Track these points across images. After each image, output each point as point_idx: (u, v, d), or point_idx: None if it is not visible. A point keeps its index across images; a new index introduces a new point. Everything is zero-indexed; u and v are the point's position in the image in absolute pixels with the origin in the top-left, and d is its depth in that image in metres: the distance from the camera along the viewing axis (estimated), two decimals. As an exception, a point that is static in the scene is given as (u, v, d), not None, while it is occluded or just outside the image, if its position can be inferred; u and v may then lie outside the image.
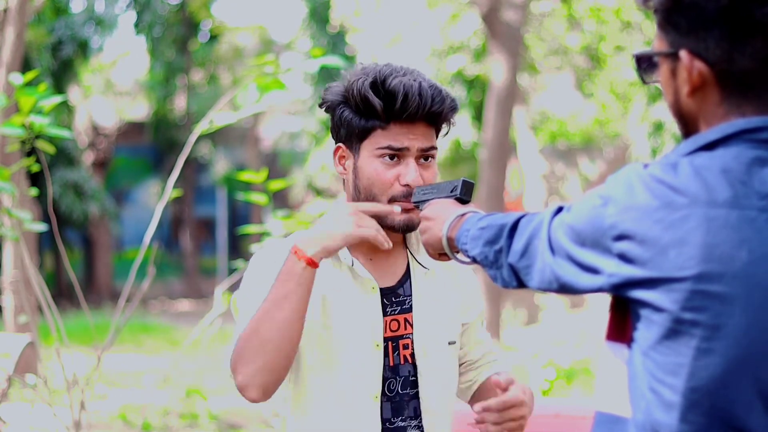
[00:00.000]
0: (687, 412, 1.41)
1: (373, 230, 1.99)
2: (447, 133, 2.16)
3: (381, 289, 2.13)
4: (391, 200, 2.07)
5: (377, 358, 2.09)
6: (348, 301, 2.10)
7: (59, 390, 6.82)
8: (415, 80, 2.04)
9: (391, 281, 2.15)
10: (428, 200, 2.01)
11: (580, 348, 8.14)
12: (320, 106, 2.15)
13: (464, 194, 1.98)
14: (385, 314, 2.12)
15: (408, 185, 2.06)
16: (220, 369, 8.16)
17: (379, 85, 2.04)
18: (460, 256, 1.87)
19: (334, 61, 3.93)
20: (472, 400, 2.27)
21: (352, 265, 2.12)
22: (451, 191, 1.99)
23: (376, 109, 2.04)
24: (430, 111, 2.05)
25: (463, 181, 1.99)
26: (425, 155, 2.09)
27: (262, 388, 1.99)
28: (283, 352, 1.97)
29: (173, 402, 7.65)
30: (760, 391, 1.40)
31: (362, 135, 2.07)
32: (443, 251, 1.89)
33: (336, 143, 2.14)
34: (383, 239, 1.98)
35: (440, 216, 1.90)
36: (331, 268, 2.12)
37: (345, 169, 2.13)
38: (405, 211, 2.07)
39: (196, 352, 7.43)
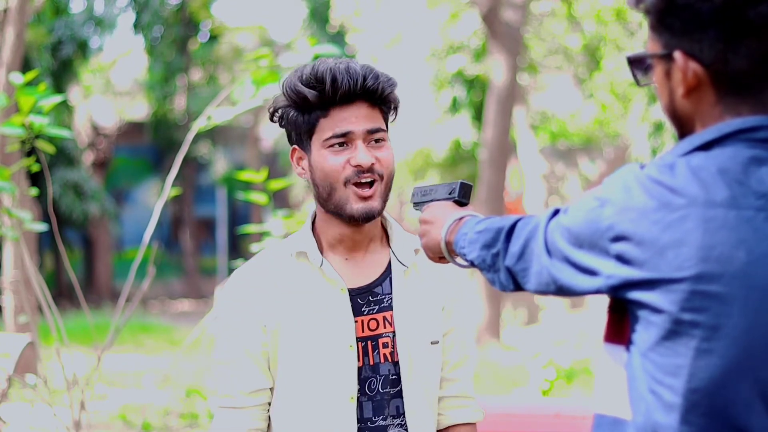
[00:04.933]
0: (687, 413, 1.41)
1: None
2: (395, 118, 2.16)
3: (355, 289, 2.13)
4: (345, 182, 2.07)
5: (351, 360, 2.09)
6: (317, 302, 2.10)
7: (59, 390, 6.82)
8: (341, 63, 2.06)
9: (366, 280, 2.15)
10: (426, 202, 2.00)
11: (580, 348, 8.13)
12: (270, 118, 2.17)
13: (462, 196, 1.97)
14: (360, 314, 2.12)
15: (359, 165, 2.06)
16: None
17: (308, 75, 2.06)
18: (458, 260, 1.86)
19: (328, 49, 3.90)
20: None
21: (321, 265, 2.11)
22: (449, 194, 1.98)
23: (309, 99, 2.05)
24: (364, 88, 2.05)
25: (461, 184, 1.98)
26: (375, 137, 2.09)
27: None
28: None
29: (173, 402, 7.66)
30: (761, 391, 1.40)
31: (309, 130, 2.09)
32: (442, 255, 1.89)
33: (291, 147, 2.16)
34: None
35: (438, 219, 1.89)
36: (301, 269, 2.12)
37: (304, 169, 2.14)
38: (362, 198, 2.08)
39: (196, 352, 7.44)
